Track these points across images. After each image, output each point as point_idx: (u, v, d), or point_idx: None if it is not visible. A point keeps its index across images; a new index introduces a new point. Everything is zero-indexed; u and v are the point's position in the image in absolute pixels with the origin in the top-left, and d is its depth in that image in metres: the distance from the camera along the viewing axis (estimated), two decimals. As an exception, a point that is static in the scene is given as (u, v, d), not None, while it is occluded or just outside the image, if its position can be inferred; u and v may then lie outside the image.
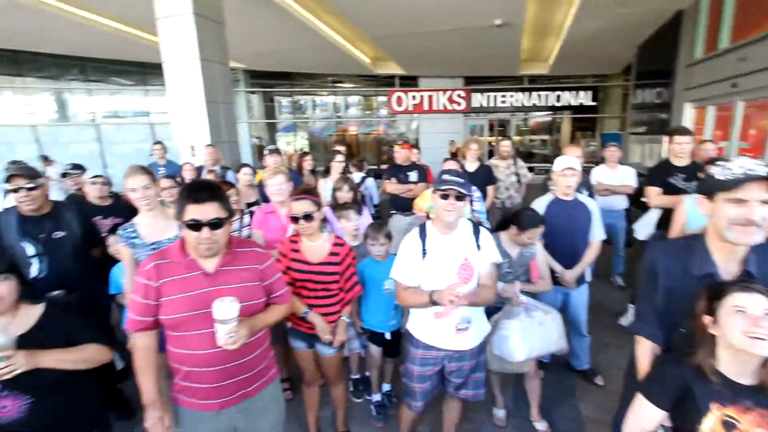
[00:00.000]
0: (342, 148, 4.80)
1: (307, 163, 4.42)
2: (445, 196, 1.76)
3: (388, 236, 2.44)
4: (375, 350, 2.54)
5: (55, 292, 2.25)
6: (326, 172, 4.42)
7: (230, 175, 4.58)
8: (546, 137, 14.22)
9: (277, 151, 4.23)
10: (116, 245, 2.25)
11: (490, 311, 2.16)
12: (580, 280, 2.71)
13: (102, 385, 1.79)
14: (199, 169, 4.58)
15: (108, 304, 2.85)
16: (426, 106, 12.46)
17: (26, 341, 1.36)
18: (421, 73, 12.53)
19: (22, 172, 2.17)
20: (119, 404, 2.66)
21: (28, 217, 2.23)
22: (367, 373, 2.87)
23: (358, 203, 2.81)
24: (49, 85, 10.86)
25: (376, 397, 2.68)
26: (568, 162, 2.49)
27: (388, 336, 2.47)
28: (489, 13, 7.02)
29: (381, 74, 12.21)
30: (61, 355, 1.42)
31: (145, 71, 11.30)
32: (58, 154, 8.62)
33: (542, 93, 12.38)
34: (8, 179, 2.16)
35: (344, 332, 2.13)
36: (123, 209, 3.09)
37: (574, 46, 8.91)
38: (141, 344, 1.51)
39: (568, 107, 12.68)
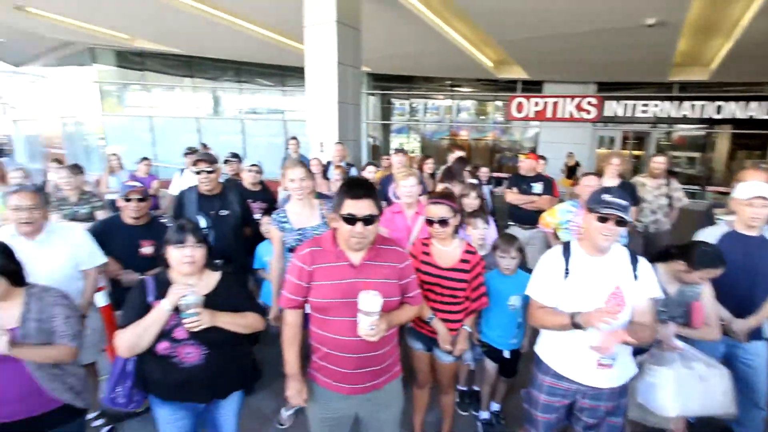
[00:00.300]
0: (461, 153, 4.72)
1: (428, 167, 4.46)
2: (603, 219, 1.59)
3: (520, 250, 2.31)
4: (491, 366, 2.43)
5: (215, 262, 2.65)
6: (445, 176, 4.41)
7: (353, 172, 4.86)
8: (695, 155, 12.09)
9: (402, 151, 4.36)
10: (268, 226, 2.54)
11: (635, 351, 1.89)
12: (754, 334, 2.22)
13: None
14: (327, 165, 4.96)
15: (247, 277, 3.27)
16: (549, 114, 11.61)
17: (206, 302, 1.61)
18: (547, 77, 11.72)
19: (205, 157, 2.61)
20: (250, 366, 3.01)
21: (204, 196, 2.67)
22: (475, 388, 2.78)
23: (485, 211, 2.73)
24: (209, 84, 12.96)
25: (484, 414, 2.58)
26: (759, 189, 2.04)
27: (506, 354, 2.35)
28: (641, 12, 6.21)
29: (502, 79, 11.75)
30: (232, 318, 1.65)
31: (284, 74, 12.73)
32: (212, 143, 10.22)
33: (697, 103, 10.55)
34: (194, 163, 2.61)
35: (465, 342, 2.08)
36: (269, 196, 3.51)
37: (751, 47, 7.37)
38: (290, 320, 1.67)
39: (731, 120, 10.59)
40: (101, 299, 2.54)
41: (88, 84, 12.30)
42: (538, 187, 3.98)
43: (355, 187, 1.51)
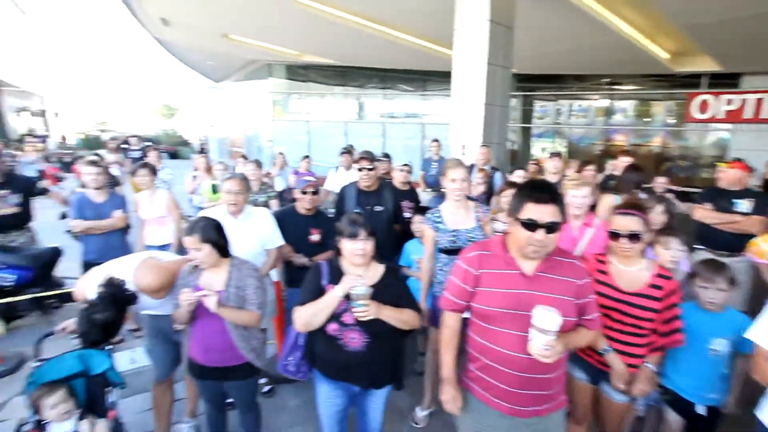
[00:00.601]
0: (631, 159, 4.06)
1: (588, 173, 3.96)
2: None
3: (732, 281, 1.83)
4: (674, 420, 1.98)
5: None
6: (602, 186, 3.86)
7: (498, 177, 4.63)
8: None
9: (558, 155, 3.98)
10: (420, 225, 2.57)
11: None
12: None
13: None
14: (470, 168, 4.84)
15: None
16: (749, 114, 9.18)
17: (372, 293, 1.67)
18: (748, 68, 9.34)
19: (367, 155, 2.78)
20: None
21: (363, 191, 2.85)
22: (644, 439, 2.32)
23: (674, 230, 2.25)
24: (356, 91, 14.10)
25: (658, 475, 2.12)
26: None
27: (700, 410, 1.88)
28: None
29: (680, 73, 9.80)
30: (393, 312, 1.69)
31: (425, 79, 13.05)
32: (356, 144, 11.06)
33: None
34: (357, 160, 2.81)
35: (647, 383, 1.73)
36: (415, 195, 3.58)
37: None
38: (450, 323, 1.62)
39: None
40: (274, 275, 2.93)
41: (264, 95, 14.70)
42: (744, 204, 3.14)
43: (540, 191, 1.38)
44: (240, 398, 2.15)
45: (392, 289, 1.76)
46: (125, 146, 9.04)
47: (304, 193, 2.57)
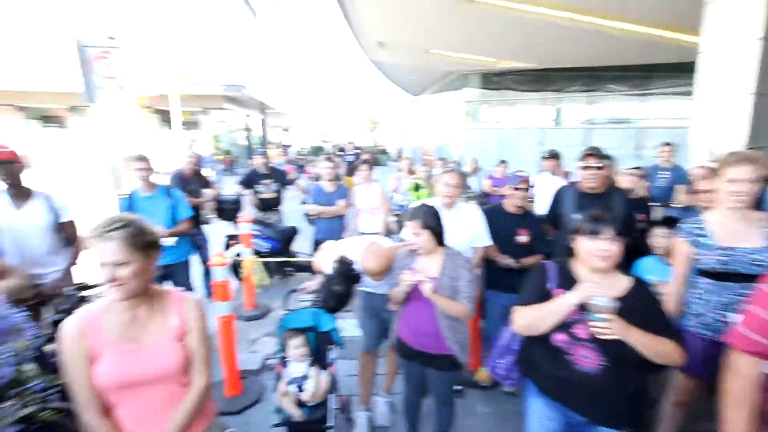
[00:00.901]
0: None
1: None
2: None
3: None
4: None
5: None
6: None
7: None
8: None
9: None
10: (672, 239, 2.04)
11: None
12: None
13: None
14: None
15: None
16: None
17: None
18: None
19: (594, 152, 2.40)
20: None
21: (584, 194, 2.47)
22: None
23: None
24: (554, 95, 12.95)
25: None
26: None
27: None
28: None
29: None
30: (644, 337, 1.35)
31: (645, 75, 10.94)
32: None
33: None
34: (583, 158, 2.46)
35: None
36: (647, 206, 2.94)
37: None
38: (745, 371, 1.18)
39: None
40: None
41: (457, 105, 15.13)
42: None
43: None
44: (438, 389, 2.14)
45: (644, 308, 1.41)
46: (341, 152, 10.77)
47: (517, 189, 2.40)
